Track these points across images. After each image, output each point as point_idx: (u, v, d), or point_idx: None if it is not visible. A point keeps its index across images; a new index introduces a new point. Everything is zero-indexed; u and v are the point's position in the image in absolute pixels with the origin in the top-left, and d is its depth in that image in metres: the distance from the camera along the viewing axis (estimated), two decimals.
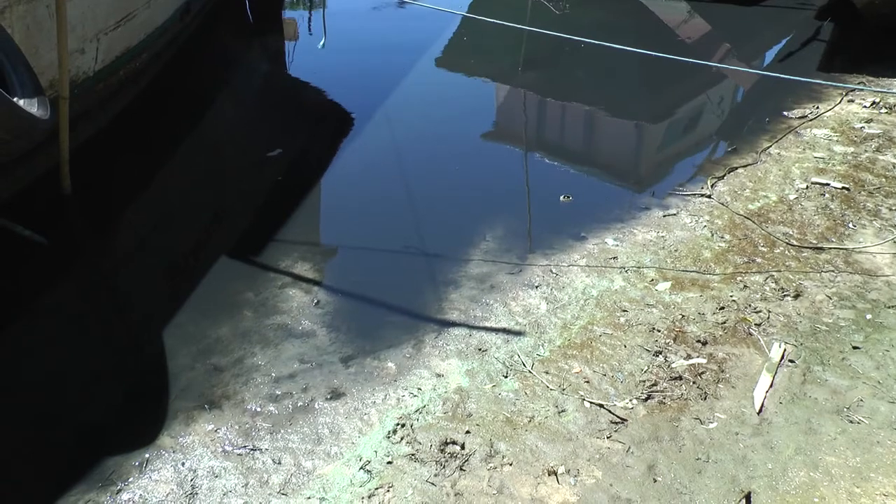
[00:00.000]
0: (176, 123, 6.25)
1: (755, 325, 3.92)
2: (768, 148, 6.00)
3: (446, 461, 3.11)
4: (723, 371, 3.59)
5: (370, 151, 5.99)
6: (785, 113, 6.66)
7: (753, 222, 4.88)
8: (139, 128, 5.98)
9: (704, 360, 3.66)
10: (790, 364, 3.63)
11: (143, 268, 4.49)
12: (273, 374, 3.61)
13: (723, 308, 4.05)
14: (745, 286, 4.23)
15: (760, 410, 3.36)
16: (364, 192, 5.41)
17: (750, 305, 4.07)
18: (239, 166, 5.75)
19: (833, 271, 4.35)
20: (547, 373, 3.58)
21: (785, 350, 3.71)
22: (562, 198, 5.28)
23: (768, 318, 3.97)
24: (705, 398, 3.43)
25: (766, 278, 4.30)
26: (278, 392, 3.50)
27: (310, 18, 9.20)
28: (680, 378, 3.54)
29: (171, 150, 5.84)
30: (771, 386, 3.49)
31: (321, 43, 7.62)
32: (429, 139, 6.28)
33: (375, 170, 5.74)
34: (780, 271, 4.37)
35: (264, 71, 8.00)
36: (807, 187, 5.34)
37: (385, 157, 5.89)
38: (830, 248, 4.57)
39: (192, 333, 3.87)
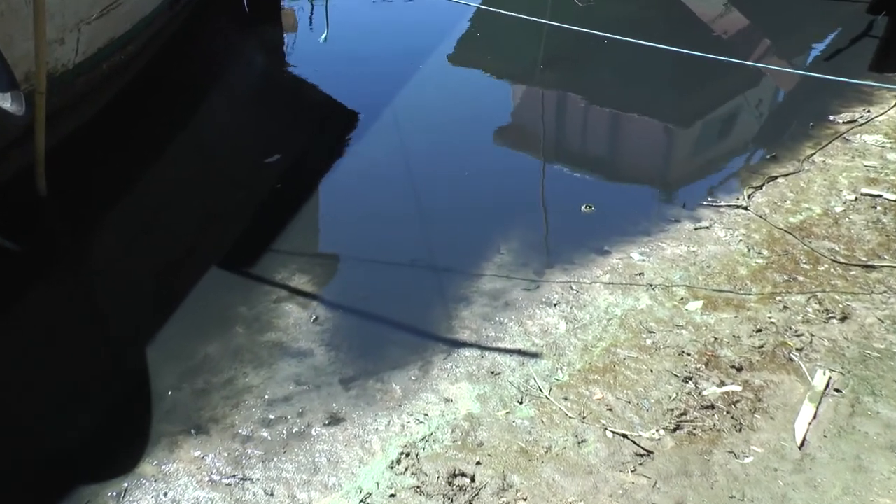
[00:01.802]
0: (164, 122, 6.31)
1: (796, 349, 3.90)
2: (812, 155, 6.00)
3: (454, 495, 3.11)
4: (760, 400, 3.58)
5: (376, 155, 6.02)
6: (831, 117, 6.66)
7: (795, 237, 4.88)
8: (123, 126, 6.04)
9: (739, 388, 3.65)
10: (836, 393, 3.62)
11: (126, 278, 4.53)
12: (266, 397, 3.62)
13: (760, 331, 4.04)
14: (785, 307, 4.22)
15: (802, 444, 3.34)
16: (368, 199, 5.44)
17: (791, 328, 4.06)
18: (233, 169, 5.79)
19: (886, 292, 4.33)
20: (566, 399, 3.58)
21: (830, 378, 3.70)
22: (583, 208, 5.29)
23: (811, 342, 3.96)
24: (740, 430, 3.42)
25: (809, 298, 4.29)
26: (272, 416, 3.51)
27: (311, 9, 9.27)
28: (712, 407, 3.53)
29: (157, 151, 5.89)
30: (814, 417, 3.48)
31: (323, 36, 7.69)
32: (439, 142, 6.31)
33: (381, 175, 5.77)
34: (824, 291, 4.35)
35: (261, 66, 8.07)
36: (856, 199, 5.33)
37: (392, 161, 5.92)
38: (883, 267, 4.56)
39: (178, 351, 3.90)
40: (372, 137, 6.30)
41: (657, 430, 3.40)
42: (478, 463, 3.25)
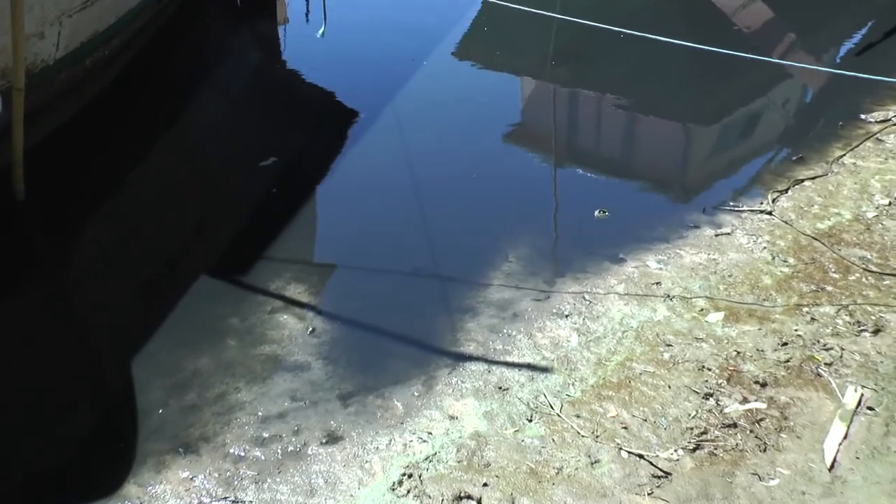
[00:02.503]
0: (151, 122, 6.33)
1: (825, 364, 3.91)
2: (841, 157, 6.01)
3: None
4: (786, 418, 3.58)
5: (376, 157, 6.05)
6: (862, 116, 6.67)
7: (823, 244, 4.89)
8: (107, 126, 6.06)
9: (764, 405, 3.65)
10: (869, 412, 3.62)
11: (109, 287, 4.55)
12: (260, 414, 3.64)
13: (786, 344, 4.04)
14: (812, 319, 4.23)
15: (832, 466, 3.34)
16: (368, 204, 5.46)
17: (819, 341, 4.07)
18: (224, 172, 5.82)
19: None
20: (578, 416, 3.59)
21: (862, 395, 3.70)
22: (596, 213, 5.31)
23: (841, 356, 3.96)
24: (765, 450, 3.42)
25: (839, 310, 4.29)
26: (266, 434, 3.52)
27: (307, 1, 9.31)
28: (734, 425, 3.54)
29: (144, 152, 5.92)
30: (845, 437, 3.48)
31: (321, 31, 7.72)
32: (444, 143, 6.33)
33: (382, 178, 5.80)
34: (855, 302, 4.36)
35: (255, 62, 8.10)
36: (889, 203, 5.33)
37: (393, 163, 5.95)
38: None
39: (165, 364, 3.91)
40: (372, 138, 6.32)
41: (675, 450, 3.41)
42: (484, 485, 3.25)
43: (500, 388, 3.78)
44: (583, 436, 3.48)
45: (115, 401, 3.77)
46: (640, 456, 3.37)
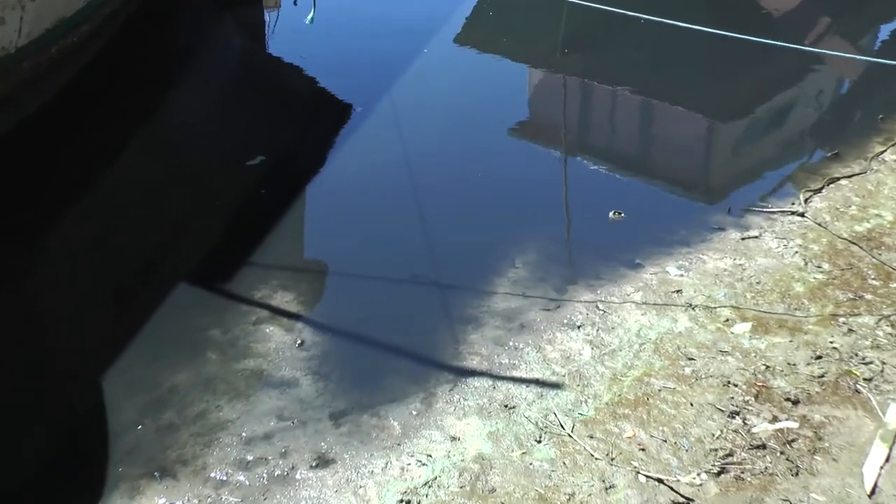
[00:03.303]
0: (124, 115, 6.35)
1: (864, 380, 3.90)
2: (882, 153, 6.01)
3: None
4: (820, 439, 3.58)
5: (372, 153, 6.06)
6: None
7: (861, 248, 4.88)
8: (76, 120, 6.07)
9: (796, 425, 3.65)
10: None
11: (78, 296, 4.55)
12: (244, 434, 3.63)
13: (820, 357, 4.04)
14: (849, 330, 4.22)
15: (873, 492, 3.33)
16: (363, 205, 5.47)
17: (857, 354, 4.06)
18: (205, 171, 5.83)
19: None
20: (591, 437, 3.58)
21: None
22: (611, 214, 5.31)
23: (882, 371, 3.95)
24: (797, 474, 3.41)
25: (879, 320, 4.29)
26: (250, 457, 3.52)
27: None
28: (763, 447, 3.53)
29: (117, 149, 5.92)
30: (887, 460, 3.47)
31: (309, 16, 7.73)
32: (445, 139, 6.34)
33: (378, 177, 5.80)
34: None
35: (239, 50, 8.12)
36: None
37: (390, 160, 5.95)
38: None
39: (140, 380, 3.91)
40: (368, 133, 6.33)
41: (698, 474, 3.40)
42: None
43: (506, 406, 3.78)
44: (596, 458, 3.47)
45: (84, 421, 3.77)
46: (660, 480, 3.37)
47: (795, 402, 3.76)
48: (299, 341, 4.16)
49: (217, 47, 8.04)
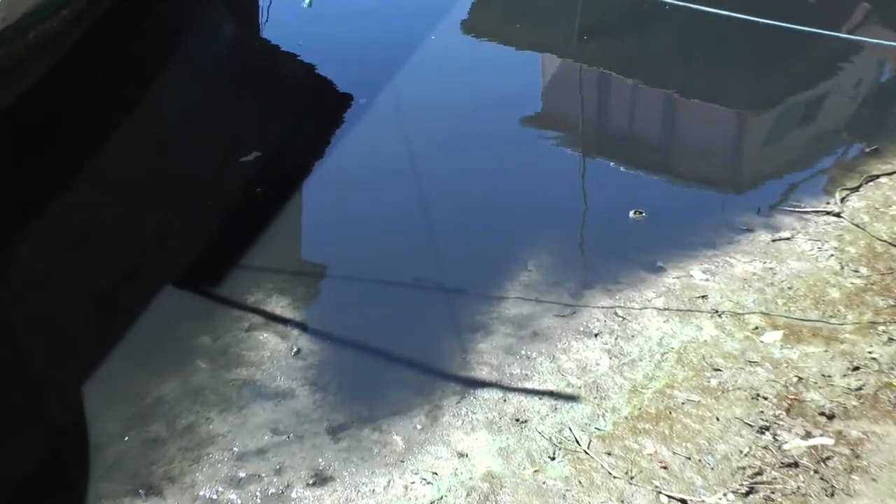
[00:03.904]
0: (108, 106, 6.35)
1: None
2: None
3: None
4: (858, 457, 3.57)
5: (374, 148, 6.06)
6: None
7: None
8: (56, 111, 6.08)
9: (831, 441, 3.64)
10: None
11: (58, 300, 4.57)
12: (235, 449, 3.65)
13: (857, 368, 4.03)
14: (889, 339, 4.21)
15: None
16: (364, 203, 5.48)
17: None
18: (195, 165, 5.84)
19: None
20: (609, 454, 3.59)
21: None
22: (631, 213, 5.31)
23: None
24: (832, 494, 3.41)
25: None
26: (242, 474, 3.53)
27: None
28: (795, 465, 3.53)
29: (100, 142, 5.93)
30: None
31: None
32: (452, 132, 6.34)
33: (380, 173, 5.81)
34: None
35: (231, 37, 8.12)
36: None
37: (394, 155, 5.96)
38: None
39: (124, 390, 3.93)
40: (370, 127, 6.33)
41: (725, 494, 3.40)
42: None
43: (517, 420, 3.78)
44: (615, 477, 3.48)
45: (64, 433, 3.79)
46: (683, 501, 3.37)
47: (831, 417, 3.76)
48: (295, 349, 4.18)
49: (207, 33, 8.05)
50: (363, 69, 7.21)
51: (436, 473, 3.52)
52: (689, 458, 3.56)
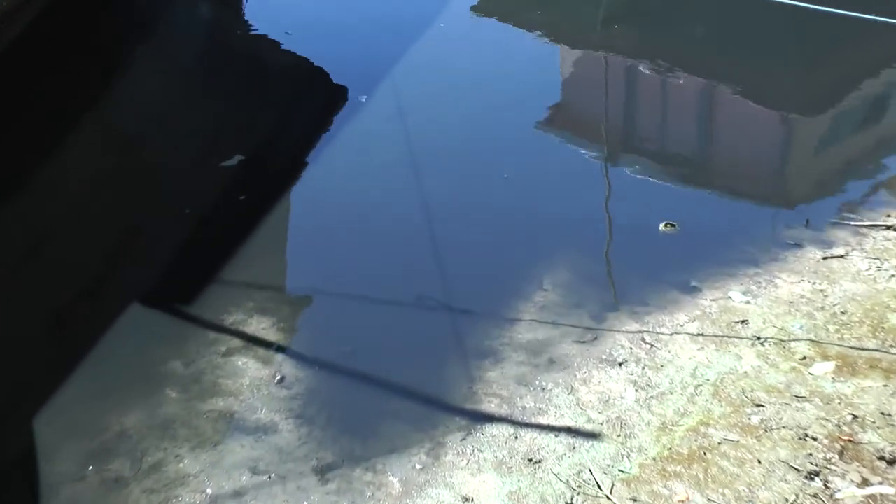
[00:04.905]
0: (67, 100, 6.37)
1: None
2: None
3: None
4: None
5: (371, 149, 6.08)
6: None
7: None
8: (8, 106, 6.09)
9: (891, 490, 3.63)
10: None
11: (9, 318, 4.58)
12: (209, 491, 3.65)
13: None
14: None
15: None
16: (360, 213, 5.50)
17: None
18: (167, 167, 5.86)
19: None
20: (634, 500, 3.58)
21: None
22: (661, 226, 5.32)
23: None
24: None
25: None
26: None
27: None
28: None
29: (58, 141, 5.95)
30: None
31: None
32: (461, 132, 6.36)
33: (379, 179, 5.82)
34: None
35: (209, 21, 8.15)
36: None
37: (393, 157, 5.98)
38: None
39: (82, 422, 3.93)
40: (366, 125, 6.35)
41: None
42: None
43: (530, 459, 3.78)
44: None
45: (13, 471, 3.78)
46: None
47: (891, 462, 3.75)
48: (279, 377, 4.18)
49: (181, 16, 8.07)
50: (361, 60, 7.23)
51: None
52: None
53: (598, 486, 3.64)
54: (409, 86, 6.87)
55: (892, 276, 4.86)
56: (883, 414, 3.99)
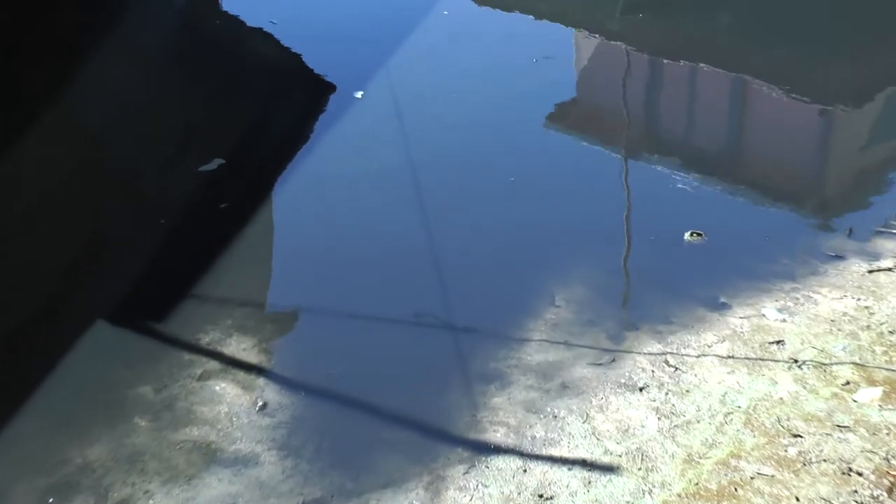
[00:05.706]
0: (26, 94, 6.38)
1: None
2: None
3: None
4: None
5: (363, 151, 6.09)
6: None
7: None
8: None
9: None
10: None
11: None
12: None
13: None
14: None
15: None
16: (352, 223, 5.51)
17: None
18: (135, 169, 5.86)
19: None
20: None
21: None
22: (687, 235, 5.32)
23: None
24: None
25: None
26: None
27: None
28: None
29: (15, 140, 5.95)
30: None
31: None
32: (464, 131, 6.37)
33: (374, 184, 5.83)
34: None
35: (183, 8, 8.17)
36: None
37: (388, 161, 5.99)
38: None
39: (39, 454, 3.93)
40: (358, 123, 6.37)
41: None
42: None
43: (540, 496, 3.78)
44: None
45: None
46: None
47: None
48: (261, 403, 4.18)
49: (154, 3, 8.09)
50: (355, 54, 7.25)
51: None
52: None
53: None
54: (406, 81, 6.88)
55: None
56: None
